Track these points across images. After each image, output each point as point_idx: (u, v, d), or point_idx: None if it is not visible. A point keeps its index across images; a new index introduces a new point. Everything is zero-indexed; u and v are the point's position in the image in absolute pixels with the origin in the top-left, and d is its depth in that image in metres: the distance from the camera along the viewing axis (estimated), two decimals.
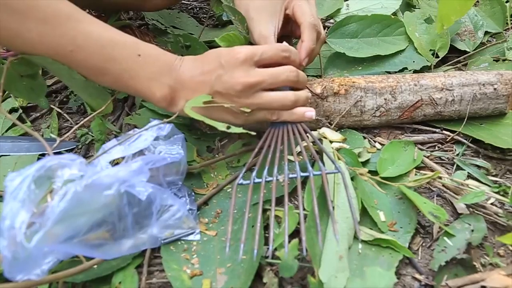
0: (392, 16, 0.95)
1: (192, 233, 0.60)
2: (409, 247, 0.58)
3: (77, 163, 0.50)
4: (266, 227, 0.61)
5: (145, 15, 1.11)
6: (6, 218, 0.45)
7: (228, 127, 0.56)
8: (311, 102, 0.73)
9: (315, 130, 0.74)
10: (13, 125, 0.84)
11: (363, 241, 0.57)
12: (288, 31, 0.78)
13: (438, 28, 0.86)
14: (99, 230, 0.53)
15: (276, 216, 0.62)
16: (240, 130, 0.56)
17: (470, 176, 0.68)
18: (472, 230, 0.59)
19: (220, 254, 0.58)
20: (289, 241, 0.54)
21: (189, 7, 1.27)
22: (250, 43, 0.84)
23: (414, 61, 0.90)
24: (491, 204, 0.63)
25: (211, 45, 0.82)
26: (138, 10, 1.11)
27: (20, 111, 0.89)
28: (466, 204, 0.63)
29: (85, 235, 0.52)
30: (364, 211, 0.61)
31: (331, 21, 1.05)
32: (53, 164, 0.48)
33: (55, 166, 0.48)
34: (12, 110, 0.89)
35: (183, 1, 1.29)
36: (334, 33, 0.92)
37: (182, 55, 0.86)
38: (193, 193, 0.66)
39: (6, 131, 0.83)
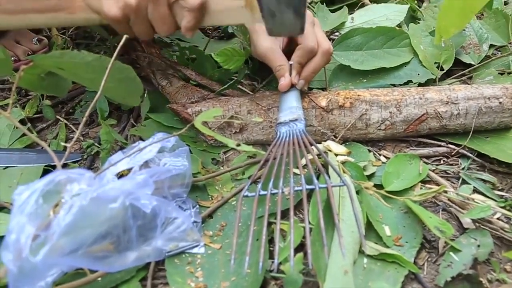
0: (397, 28, 0.95)
1: (196, 246, 0.60)
2: (415, 262, 0.57)
3: (86, 178, 0.50)
4: (271, 241, 0.61)
5: None
6: (12, 232, 0.45)
7: (238, 145, 0.56)
8: (317, 115, 0.73)
9: (320, 143, 0.74)
10: (20, 136, 0.84)
11: (368, 256, 0.57)
12: (292, 48, 0.79)
13: (436, 40, 0.86)
14: (104, 242, 0.53)
15: (281, 230, 0.62)
16: (249, 148, 0.57)
17: (475, 191, 0.68)
18: (479, 245, 0.58)
19: (225, 267, 0.58)
20: (294, 255, 0.54)
21: None
22: (251, 56, 0.85)
23: (418, 74, 0.90)
24: (497, 219, 0.63)
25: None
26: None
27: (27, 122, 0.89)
28: (472, 219, 0.62)
29: (90, 247, 0.52)
30: (369, 225, 0.61)
31: (336, 33, 1.05)
32: (62, 179, 0.48)
33: (64, 180, 0.48)
34: (19, 121, 0.89)
35: None
36: (338, 46, 0.92)
37: (188, 67, 0.87)
38: (197, 206, 0.66)
39: (13, 142, 0.83)
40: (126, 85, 0.67)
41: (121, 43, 0.59)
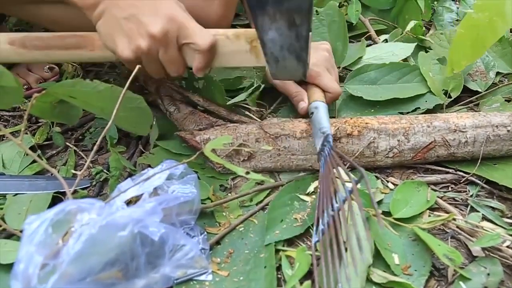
0: (411, 64, 0.97)
1: (204, 273, 0.60)
2: None
3: (96, 207, 0.50)
4: (278, 268, 0.60)
5: None
6: (21, 262, 0.45)
7: (247, 173, 0.57)
8: None
9: None
10: (30, 163, 0.85)
11: (376, 284, 0.57)
12: None
13: (448, 72, 0.87)
14: (112, 269, 0.53)
15: (289, 257, 0.62)
16: (259, 176, 0.57)
17: (484, 218, 0.68)
18: (488, 274, 0.58)
19: None
20: (302, 283, 0.53)
21: None
22: (265, 81, 0.88)
23: (426, 101, 0.90)
24: (507, 247, 0.62)
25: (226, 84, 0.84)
26: None
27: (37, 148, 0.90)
28: (481, 247, 0.62)
29: (98, 274, 0.52)
30: (377, 253, 0.60)
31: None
32: (72, 208, 0.49)
33: (75, 210, 0.49)
34: (29, 148, 0.90)
35: None
36: (352, 80, 0.94)
37: (195, 93, 0.88)
38: (205, 232, 0.66)
39: (23, 169, 0.84)
40: (137, 115, 0.68)
41: (132, 74, 0.60)
